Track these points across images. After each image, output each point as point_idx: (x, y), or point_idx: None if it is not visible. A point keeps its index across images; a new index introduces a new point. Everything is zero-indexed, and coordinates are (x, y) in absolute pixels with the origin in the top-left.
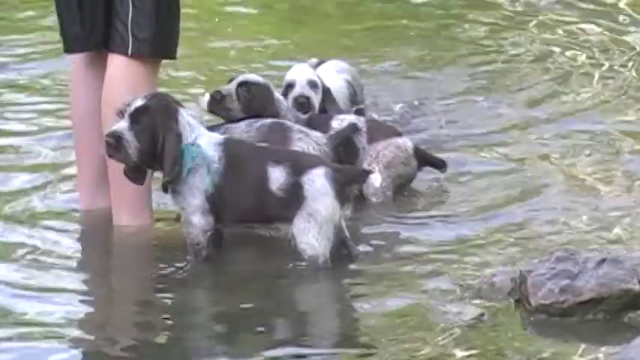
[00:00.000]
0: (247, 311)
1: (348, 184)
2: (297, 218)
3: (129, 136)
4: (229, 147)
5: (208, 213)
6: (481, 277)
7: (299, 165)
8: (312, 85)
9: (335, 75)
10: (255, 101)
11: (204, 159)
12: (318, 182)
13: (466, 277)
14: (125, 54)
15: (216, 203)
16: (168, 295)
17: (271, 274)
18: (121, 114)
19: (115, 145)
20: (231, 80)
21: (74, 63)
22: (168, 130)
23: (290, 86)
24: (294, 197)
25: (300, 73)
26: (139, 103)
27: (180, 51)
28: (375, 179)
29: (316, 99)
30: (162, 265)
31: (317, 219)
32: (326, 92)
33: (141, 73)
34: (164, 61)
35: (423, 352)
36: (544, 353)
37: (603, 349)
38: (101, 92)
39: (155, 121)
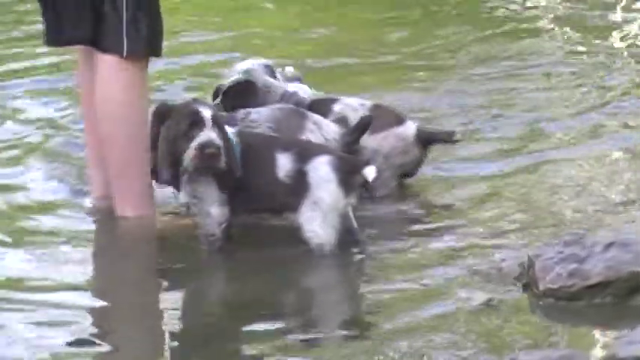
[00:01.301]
0: (256, 299)
1: (352, 172)
2: (303, 207)
3: (220, 144)
4: (242, 137)
5: (225, 204)
6: (489, 262)
7: (304, 153)
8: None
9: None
10: (243, 99)
11: (236, 150)
12: (321, 170)
13: (474, 263)
14: (120, 55)
15: (233, 193)
16: (178, 284)
17: (279, 262)
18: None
19: (217, 154)
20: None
21: (79, 57)
22: (226, 132)
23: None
24: (299, 185)
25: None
26: (208, 108)
27: None
28: (369, 172)
29: None
30: (170, 256)
31: (322, 207)
32: None
33: (134, 73)
34: None
35: (431, 337)
36: (552, 337)
37: (611, 332)
38: None
39: (222, 126)
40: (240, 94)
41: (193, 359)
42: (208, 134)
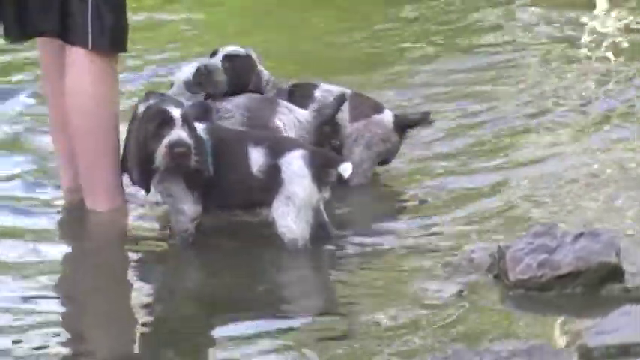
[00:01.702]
0: (228, 293)
1: (326, 167)
2: (276, 202)
3: (190, 143)
4: (213, 132)
5: (198, 201)
6: (460, 254)
7: (277, 147)
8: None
9: None
10: (240, 75)
11: (206, 147)
12: (295, 165)
13: (445, 254)
14: (85, 47)
15: (205, 190)
16: (149, 277)
17: (251, 257)
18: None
19: (187, 153)
20: (213, 54)
21: (41, 50)
22: (196, 130)
23: None
24: (272, 180)
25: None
26: (176, 107)
27: None
28: (345, 169)
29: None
30: (141, 248)
31: (295, 202)
32: None
33: (103, 66)
34: None
35: (402, 329)
36: (523, 328)
37: (582, 322)
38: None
39: (192, 125)
40: (238, 73)
41: (165, 353)
42: (178, 133)
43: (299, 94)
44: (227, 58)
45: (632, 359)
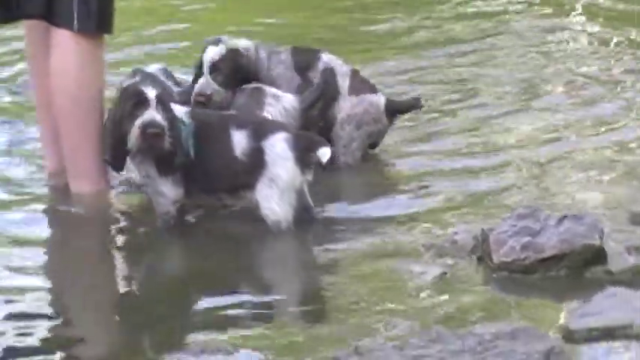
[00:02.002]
0: (210, 274)
1: (309, 149)
2: (259, 184)
3: (164, 124)
4: (196, 116)
5: (178, 183)
6: (443, 235)
7: (260, 130)
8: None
9: None
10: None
11: (187, 130)
12: (278, 147)
13: (428, 236)
14: (70, 29)
15: (188, 173)
16: (132, 260)
17: (234, 239)
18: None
19: (161, 134)
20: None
21: (27, 33)
22: (171, 112)
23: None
24: (256, 163)
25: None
26: (152, 88)
27: None
28: (324, 154)
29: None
30: (125, 230)
31: (278, 184)
32: None
33: (89, 48)
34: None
35: (386, 311)
36: (506, 310)
37: (566, 305)
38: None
39: (167, 106)
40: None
41: (147, 335)
42: (152, 114)
43: (303, 59)
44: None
45: (616, 342)
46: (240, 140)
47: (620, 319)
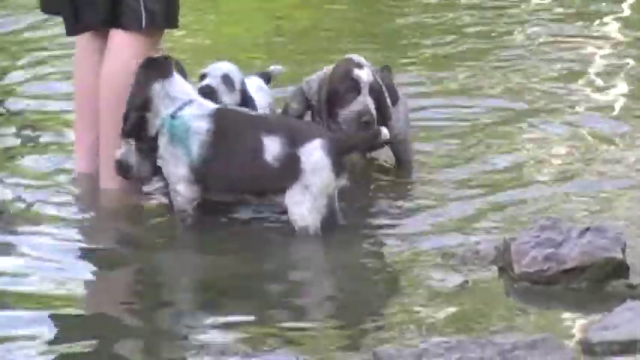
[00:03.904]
0: (233, 275)
1: (345, 153)
2: (292, 190)
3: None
4: (220, 117)
5: (194, 183)
6: (465, 245)
7: (296, 136)
8: (225, 80)
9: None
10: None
11: (185, 131)
12: (315, 155)
13: (450, 245)
14: (138, 29)
15: (203, 174)
16: (152, 258)
17: (258, 240)
18: None
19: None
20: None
21: (78, 40)
22: (130, 97)
23: (202, 77)
24: (289, 169)
25: (216, 67)
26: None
27: None
28: (385, 134)
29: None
30: (147, 229)
31: (312, 192)
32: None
33: (147, 45)
34: None
35: (406, 318)
36: (527, 321)
37: (586, 317)
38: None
39: (133, 91)
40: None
41: (164, 336)
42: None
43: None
44: None
45: (636, 356)
46: (273, 144)
47: None
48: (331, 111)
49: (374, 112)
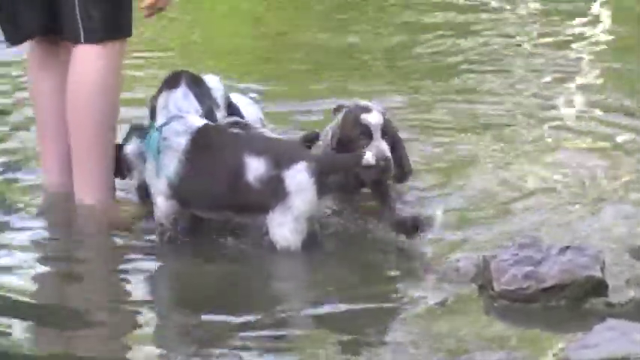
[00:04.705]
0: (219, 281)
1: (330, 173)
2: (275, 211)
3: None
4: (202, 135)
5: (170, 198)
6: (446, 262)
7: (280, 157)
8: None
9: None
10: None
11: (159, 146)
12: (299, 177)
13: (430, 262)
14: (78, 42)
15: (181, 191)
16: (135, 270)
17: (235, 258)
18: None
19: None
20: None
21: (30, 51)
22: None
23: None
24: (272, 190)
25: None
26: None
27: None
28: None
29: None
30: (126, 242)
31: (294, 214)
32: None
33: (111, 55)
34: None
35: (385, 336)
36: (506, 339)
37: (566, 335)
38: (61, 77)
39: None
40: None
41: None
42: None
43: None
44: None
45: None
46: (256, 165)
47: (619, 352)
48: None
49: (389, 154)
